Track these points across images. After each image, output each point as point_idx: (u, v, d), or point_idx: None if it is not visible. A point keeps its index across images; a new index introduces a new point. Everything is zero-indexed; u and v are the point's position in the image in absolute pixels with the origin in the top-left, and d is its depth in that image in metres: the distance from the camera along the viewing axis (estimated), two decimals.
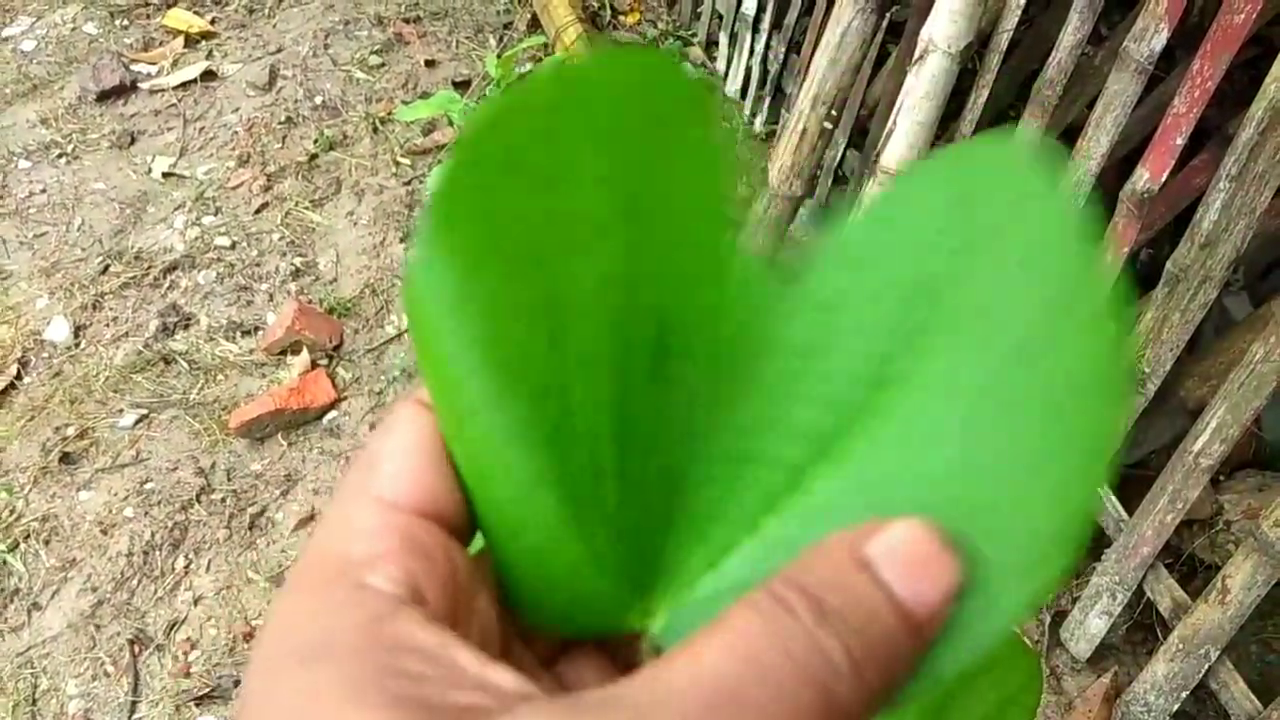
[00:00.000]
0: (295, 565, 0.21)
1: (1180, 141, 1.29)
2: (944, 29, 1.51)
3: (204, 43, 2.54)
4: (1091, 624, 1.42)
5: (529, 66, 2.36)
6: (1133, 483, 1.47)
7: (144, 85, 2.41)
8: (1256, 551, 1.18)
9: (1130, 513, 1.39)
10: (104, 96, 2.37)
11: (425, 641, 0.19)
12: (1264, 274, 1.80)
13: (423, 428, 0.21)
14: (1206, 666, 1.26)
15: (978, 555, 0.20)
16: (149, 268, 2.01)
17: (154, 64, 2.48)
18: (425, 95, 2.33)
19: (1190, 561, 1.50)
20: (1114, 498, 1.43)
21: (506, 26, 2.59)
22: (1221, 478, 1.53)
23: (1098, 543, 1.49)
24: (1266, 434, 1.57)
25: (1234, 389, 1.20)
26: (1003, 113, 1.86)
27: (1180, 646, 1.28)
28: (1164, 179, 1.32)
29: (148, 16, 2.61)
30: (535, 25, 2.53)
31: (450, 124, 2.18)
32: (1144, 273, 1.82)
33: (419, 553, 0.20)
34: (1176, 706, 1.30)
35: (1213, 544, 1.46)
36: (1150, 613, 1.45)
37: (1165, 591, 1.35)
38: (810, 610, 0.19)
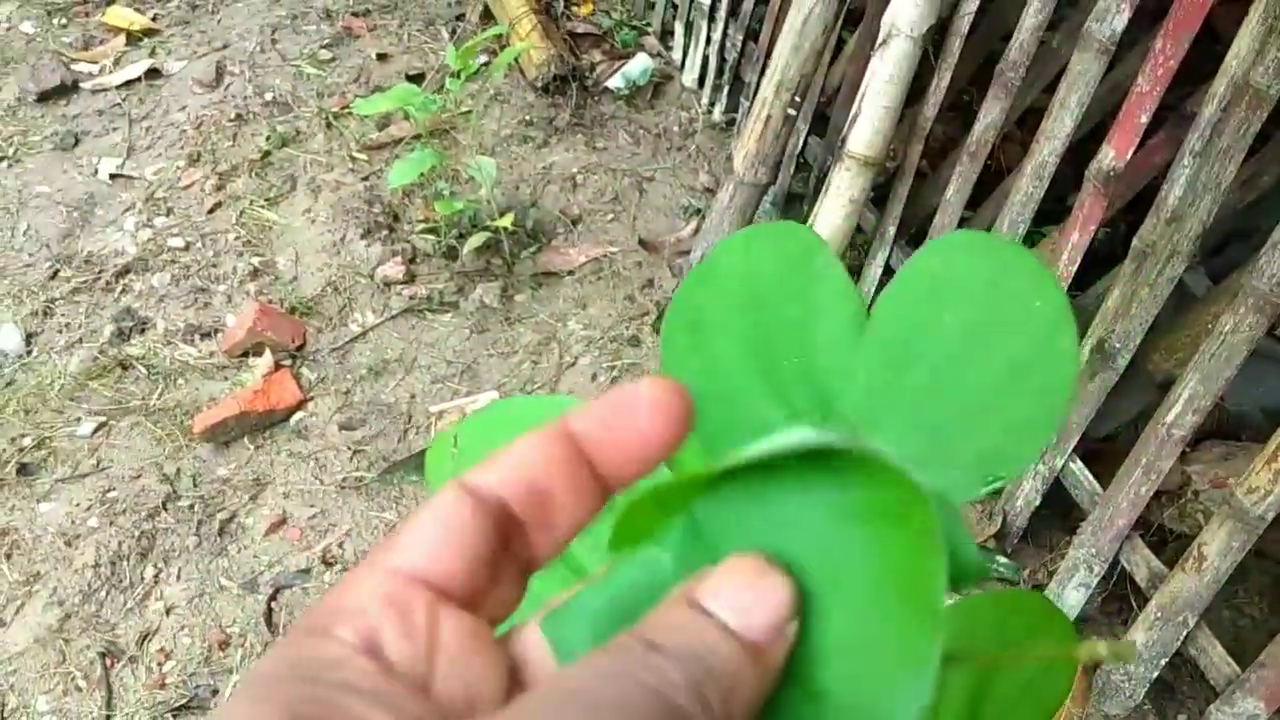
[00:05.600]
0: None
1: (1144, 120, 1.31)
2: (907, 13, 1.52)
3: (146, 40, 2.48)
4: (1069, 596, 1.44)
5: (485, 59, 2.34)
6: (1102, 456, 1.50)
7: (86, 85, 2.34)
8: (1231, 518, 1.21)
9: (1101, 486, 1.42)
10: (44, 97, 2.30)
11: (331, 672, 0.21)
12: (1217, 250, 1.84)
13: (447, 509, 0.24)
14: (1185, 633, 1.29)
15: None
16: (100, 271, 1.96)
17: (95, 63, 2.41)
18: (379, 89, 2.30)
19: (1159, 532, 1.53)
20: (1087, 472, 1.46)
21: (458, 19, 2.56)
22: (1188, 449, 1.56)
23: (1072, 517, 1.51)
24: (1229, 404, 1.61)
25: (1205, 360, 1.22)
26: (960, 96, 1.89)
27: (1159, 615, 1.30)
28: (1129, 157, 1.34)
29: (86, 14, 2.54)
30: (487, 17, 2.51)
31: (406, 118, 2.15)
32: (1103, 251, 1.85)
33: (397, 612, 0.22)
34: (1156, 674, 1.33)
35: (1182, 514, 1.49)
36: (1124, 584, 1.48)
37: (1142, 562, 1.38)
38: (641, 645, 0.21)
